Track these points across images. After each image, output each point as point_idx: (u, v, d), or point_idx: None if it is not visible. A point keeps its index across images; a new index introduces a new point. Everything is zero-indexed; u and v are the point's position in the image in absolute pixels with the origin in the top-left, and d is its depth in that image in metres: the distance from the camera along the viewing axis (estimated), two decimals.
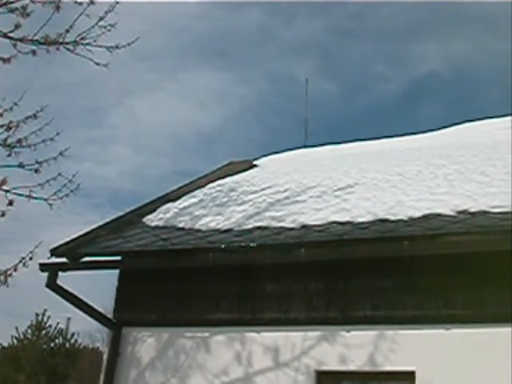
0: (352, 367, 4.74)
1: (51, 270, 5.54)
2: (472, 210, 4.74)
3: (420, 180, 5.94)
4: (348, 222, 5.07)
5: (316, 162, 8.41)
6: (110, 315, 5.89)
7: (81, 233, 6.12)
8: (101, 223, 6.42)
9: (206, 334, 5.38)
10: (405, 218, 4.88)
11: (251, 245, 5.08)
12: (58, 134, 4.92)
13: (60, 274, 5.58)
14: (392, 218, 4.94)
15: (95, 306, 5.80)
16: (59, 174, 4.86)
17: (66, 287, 5.57)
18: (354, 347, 4.77)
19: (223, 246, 5.20)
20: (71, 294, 5.61)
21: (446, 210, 4.84)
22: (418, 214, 4.87)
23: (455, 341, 4.49)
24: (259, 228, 5.42)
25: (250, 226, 5.49)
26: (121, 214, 6.78)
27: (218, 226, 5.69)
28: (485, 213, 4.65)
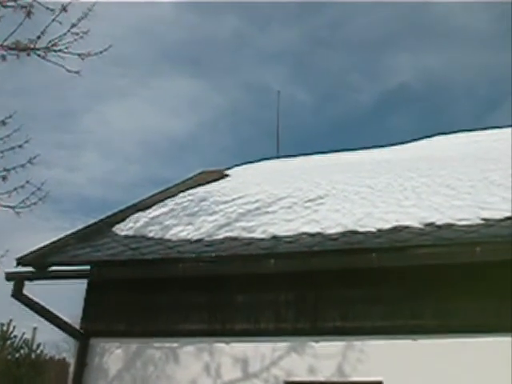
0: (321, 378, 4.77)
1: (17, 279, 5.44)
2: (439, 222, 4.84)
3: (389, 192, 6.04)
4: (318, 234, 5.12)
5: (287, 173, 8.47)
6: (77, 325, 5.80)
7: (49, 241, 6.02)
8: (69, 232, 6.34)
9: (175, 345, 5.34)
10: (374, 229, 4.95)
11: (221, 255, 5.08)
12: (27, 141, 4.85)
13: (27, 282, 5.49)
14: (361, 229, 5.00)
15: (62, 316, 5.71)
16: (27, 182, 4.79)
17: (32, 297, 5.47)
18: (322, 358, 4.80)
19: (193, 256, 5.19)
20: (37, 304, 5.51)
21: (413, 222, 4.93)
22: (386, 226, 4.95)
23: (422, 351, 4.56)
24: (230, 238, 5.42)
25: (220, 237, 5.50)
26: (90, 222, 6.71)
27: (189, 236, 5.67)
28: (450, 225, 4.75)
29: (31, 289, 5.50)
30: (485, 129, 9.48)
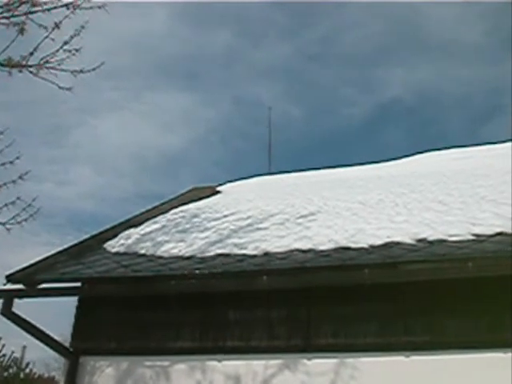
0: None
1: (6, 297, 5.37)
2: (430, 238, 4.85)
3: (381, 208, 6.05)
4: (310, 250, 5.11)
5: (279, 189, 8.48)
6: (67, 343, 5.74)
7: (39, 258, 5.97)
8: (60, 248, 6.30)
9: (166, 363, 5.28)
10: (366, 245, 4.95)
11: (213, 272, 5.06)
12: (18, 157, 4.83)
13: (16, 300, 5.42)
14: (353, 245, 5.00)
15: (51, 334, 5.63)
16: (18, 198, 4.76)
17: (21, 315, 5.40)
18: (315, 375, 4.76)
19: (185, 272, 5.16)
20: (26, 322, 5.44)
21: (405, 238, 4.94)
22: (378, 242, 4.95)
23: (415, 367, 4.54)
24: (221, 255, 5.40)
25: (212, 253, 5.47)
26: (81, 237, 6.68)
27: (180, 253, 5.64)
28: (442, 241, 4.76)
29: (21, 305, 5.44)
30: (475, 145, 9.59)
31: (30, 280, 5.55)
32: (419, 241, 4.85)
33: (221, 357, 5.13)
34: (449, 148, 9.83)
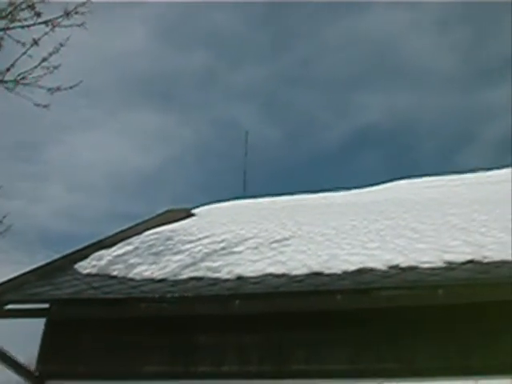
0: None
1: None
2: (403, 265, 4.88)
3: (354, 234, 6.09)
4: (283, 275, 5.10)
5: (254, 214, 8.49)
6: (34, 366, 5.58)
7: (7, 278, 5.84)
8: (29, 268, 6.17)
9: None
10: (338, 271, 4.96)
11: (185, 295, 5.01)
12: None
13: None
14: (326, 271, 5.00)
15: (14, 356, 5.48)
16: None
17: None
18: None
19: (156, 296, 5.09)
20: None
21: (378, 264, 4.96)
22: (351, 268, 4.97)
23: None
24: (194, 278, 5.35)
25: (185, 276, 5.42)
26: (51, 257, 6.56)
27: (153, 276, 5.58)
28: (414, 268, 4.80)
29: None
30: (448, 173, 9.81)
31: None
32: (391, 267, 4.88)
33: (192, 382, 5.04)
34: (422, 176, 10.02)
